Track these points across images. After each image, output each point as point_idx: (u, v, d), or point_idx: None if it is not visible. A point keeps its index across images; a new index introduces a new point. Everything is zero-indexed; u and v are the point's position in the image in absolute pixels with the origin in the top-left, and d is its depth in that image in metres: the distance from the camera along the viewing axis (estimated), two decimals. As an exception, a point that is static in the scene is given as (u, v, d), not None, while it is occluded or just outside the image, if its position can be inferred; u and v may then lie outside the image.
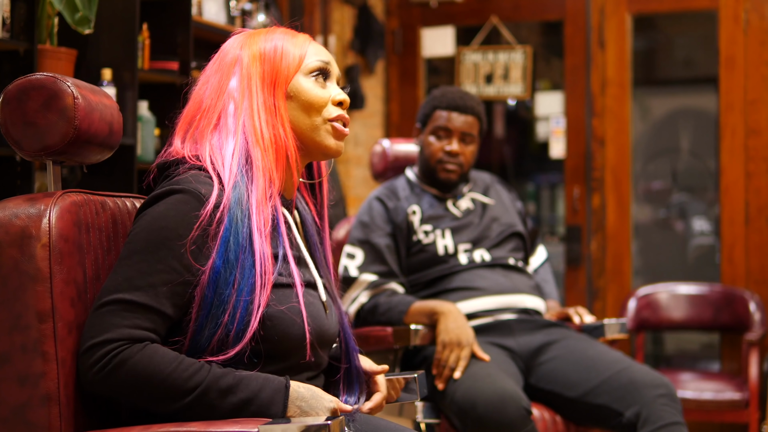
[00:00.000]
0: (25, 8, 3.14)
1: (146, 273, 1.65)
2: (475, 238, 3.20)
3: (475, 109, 3.23)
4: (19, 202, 1.69)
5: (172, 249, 1.66)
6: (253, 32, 1.91)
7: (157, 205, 1.70)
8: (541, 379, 2.99)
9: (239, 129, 1.79)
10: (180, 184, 1.71)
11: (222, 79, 1.84)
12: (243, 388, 1.64)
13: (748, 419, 4.47)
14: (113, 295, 1.64)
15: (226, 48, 1.89)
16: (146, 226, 1.68)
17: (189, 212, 1.68)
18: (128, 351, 1.61)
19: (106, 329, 1.62)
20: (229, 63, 1.85)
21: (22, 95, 1.73)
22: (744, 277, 5.00)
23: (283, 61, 1.85)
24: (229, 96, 1.82)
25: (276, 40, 1.87)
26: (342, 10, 5.39)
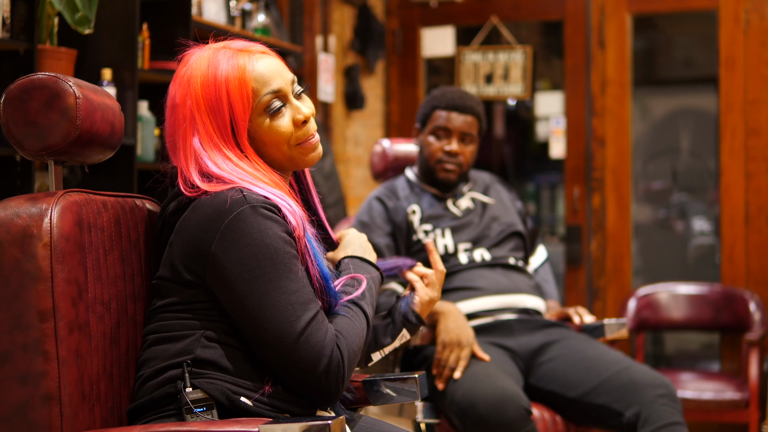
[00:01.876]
0: (25, 8, 3.14)
1: (297, 290, 1.75)
2: (475, 237, 3.20)
3: (475, 109, 3.23)
4: (21, 202, 1.69)
5: (288, 262, 1.75)
6: (194, 67, 1.84)
7: (244, 235, 1.72)
8: (541, 379, 2.99)
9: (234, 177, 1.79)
10: (242, 202, 1.74)
11: (183, 137, 1.82)
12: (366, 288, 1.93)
13: (748, 419, 4.48)
14: (300, 321, 1.73)
15: (173, 97, 1.85)
16: (261, 256, 1.72)
17: (275, 225, 1.75)
18: (342, 343, 1.78)
19: (323, 347, 1.74)
20: (183, 119, 1.83)
21: (23, 95, 1.73)
22: (744, 277, 5.00)
23: (232, 109, 1.81)
24: (200, 155, 1.81)
25: (219, 78, 1.81)
26: (342, 10, 5.39)
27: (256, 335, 1.73)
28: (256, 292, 1.71)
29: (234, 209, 1.72)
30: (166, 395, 1.74)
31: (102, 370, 1.76)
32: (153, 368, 1.77)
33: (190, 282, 1.76)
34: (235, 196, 1.73)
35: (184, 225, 1.77)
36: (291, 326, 1.71)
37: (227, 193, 1.74)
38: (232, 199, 1.73)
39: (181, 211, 1.80)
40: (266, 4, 4.63)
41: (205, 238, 1.73)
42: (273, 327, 1.71)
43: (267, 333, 1.71)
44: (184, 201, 1.80)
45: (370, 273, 1.99)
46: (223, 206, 1.73)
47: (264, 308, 1.71)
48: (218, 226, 1.72)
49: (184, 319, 1.77)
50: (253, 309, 1.71)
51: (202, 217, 1.75)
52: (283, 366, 1.73)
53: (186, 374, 1.73)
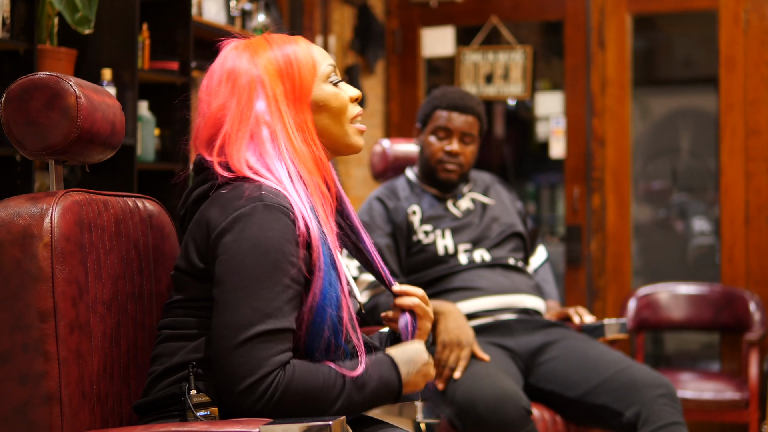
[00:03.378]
0: (25, 8, 3.13)
1: (270, 299, 1.68)
2: (475, 238, 3.20)
3: (476, 109, 3.23)
4: (21, 202, 1.69)
5: (283, 269, 1.69)
6: (252, 44, 1.88)
7: (248, 227, 1.70)
8: (541, 379, 2.99)
9: (283, 153, 1.79)
10: (259, 199, 1.72)
11: (243, 103, 1.81)
12: (369, 379, 1.75)
13: (748, 419, 4.47)
14: (249, 330, 1.65)
15: (234, 67, 1.84)
16: (251, 252, 1.69)
17: (284, 229, 1.71)
18: (285, 377, 1.66)
19: (259, 365, 1.65)
20: (247, 85, 1.82)
21: (24, 94, 1.73)
22: (744, 277, 5.00)
23: (301, 73, 1.85)
24: (260, 120, 1.80)
25: (284, 49, 1.86)
26: (342, 10, 5.39)
27: (214, 326, 1.70)
28: (229, 284, 1.69)
29: (248, 203, 1.71)
30: (172, 395, 1.74)
31: (102, 370, 1.76)
32: (164, 366, 1.76)
33: (204, 272, 1.75)
34: (254, 192, 1.73)
35: (203, 213, 1.77)
36: (239, 330, 1.65)
37: (247, 187, 1.74)
38: (249, 193, 1.73)
39: (203, 200, 1.80)
40: (266, 4, 4.63)
41: (213, 224, 1.73)
42: (226, 322, 1.67)
43: (219, 325, 1.68)
44: (208, 189, 1.80)
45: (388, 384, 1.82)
46: (239, 198, 1.73)
47: (228, 302, 1.68)
48: (227, 216, 1.72)
49: (197, 317, 1.77)
50: (221, 302, 1.69)
51: (219, 204, 1.75)
52: (215, 362, 1.68)
53: (191, 376, 1.72)
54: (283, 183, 1.77)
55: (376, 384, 1.77)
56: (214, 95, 1.84)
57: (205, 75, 1.90)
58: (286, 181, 1.77)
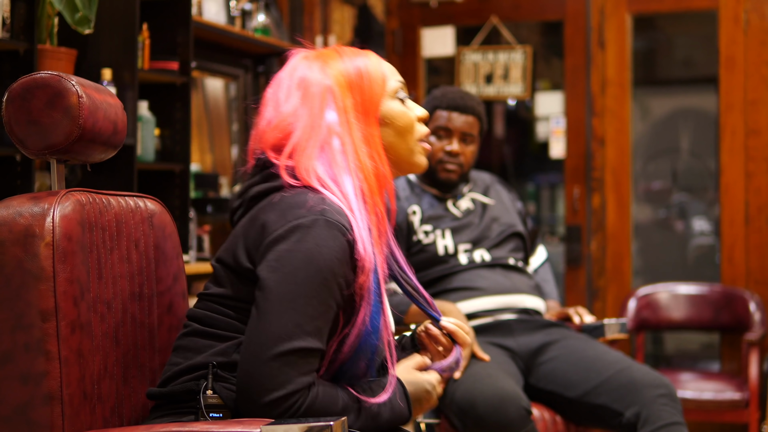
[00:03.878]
0: (25, 8, 3.13)
1: (313, 317, 1.66)
2: (475, 238, 3.20)
3: (476, 109, 3.23)
4: (23, 201, 1.69)
5: (331, 289, 1.68)
6: (323, 55, 1.87)
7: (305, 239, 1.68)
8: (541, 379, 2.99)
9: (351, 166, 1.78)
10: (321, 213, 1.70)
11: (315, 111, 1.80)
12: (383, 408, 1.76)
13: (748, 419, 4.47)
14: (287, 344, 1.64)
15: (305, 76, 1.84)
16: (303, 265, 1.67)
17: (339, 249, 1.69)
18: (309, 398, 1.66)
19: (288, 381, 1.64)
20: (319, 94, 1.81)
21: (26, 94, 1.72)
22: (744, 277, 5.00)
23: (371, 87, 1.84)
24: (331, 130, 1.79)
25: (355, 62, 1.85)
26: (342, 10, 5.39)
27: (248, 331, 1.68)
28: (275, 292, 1.67)
29: (308, 215, 1.70)
30: (188, 391, 1.73)
31: (104, 370, 1.76)
32: (188, 362, 1.76)
33: (248, 272, 1.74)
34: (317, 204, 1.71)
35: (260, 214, 1.76)
36: (277, 341, 1.64)
37: (311, 197, 1.72)
38: (312, 204, 1.71)
39: (261, 198, 1.79)
40: (266, 4, 4.63)
41: (271, 227, 1.72)
42: (264, 330, 1.65)
43: (256, 331, 1.66)
44: (269, 189, 1.79)
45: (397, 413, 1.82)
46: (300, 206, 1.71)
47: (271, 310, 1.66)
48: (285, 222, 1.70)
49: (229, 318, 1.76)
50: (263, 308, 1.67)
51: (280, 208, 1.73)
52: (244, 366, 1.67)
53: (210, 376, 1.72)
54: (348, 198, 1.75)
55: (389, 415, 1.78)
56: (283, 102, 1.83)
57: (272, 83, 1.89)
58: (351, 197, 1.75)
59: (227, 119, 4.68)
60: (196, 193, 4.17)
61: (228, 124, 4.68)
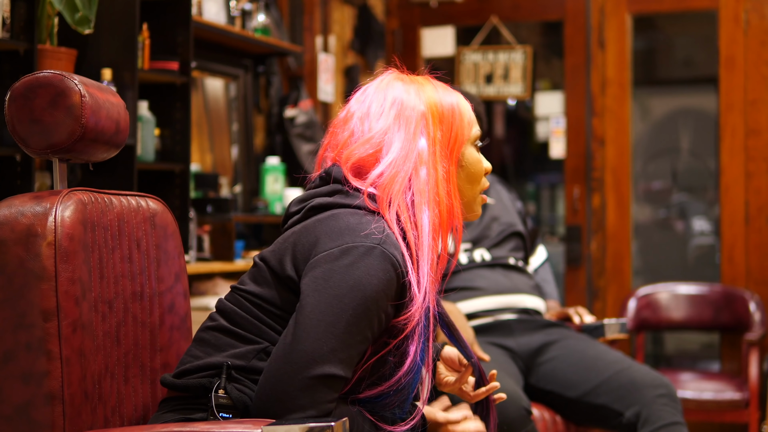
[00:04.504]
0: (25, 8, 3.13)
1: (349, 345, 1.64)
2: (475, 237, 3.20)
3: (476, 109, 3.22)
4: (25, 200, 1.68)
5: (371, 320, 1.66)
6: (417, 80, 1.85)
7: (357, 265, 1.66)
8: (541, 379, 2.99)
9: (432, 198, 1.76)
10: (379, 243, 1.68)
11: (410, 135, 1.78)
12: None
13: (748, 419, 4.48)
14: (319, 368, 1.62)
15: (400, 96, 1.81)
16: (349, 291, 1.64)
17: (387, 282, 1.67)
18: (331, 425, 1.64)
19: (309, 406, 1.62)
20: (415, 120, 1.79)
21: (29, 93, 1.72)
22: (744, 277, 5.00)
23: (461, 126, 1.83)
24: (421, 159, 1.76)
25: (448, 97, 1.83)
26: (342, 10, 5.39)
27: (283, 342, 1.66)
28: (317, 312, 1.64)
29: (365, 241, 1.67)
30: (201, 387, 1.72)
31: (105, 370, 1.76)
32: (207, 358, 1.75)
33: (290, 281, 1.72)
34: (377, 232, 1.69)
35: (317, 226, 1.74)
36: (310, 363, 1.62)
37: (375, 226, 1.70)
38: (371, 232, 1.69)
39: (322, 210, 1.77)
40: (266, 4, 4.63)
41: (324, 243, 1.69)
42: (298, 348, 1.63)
43: (290, 348, 1.64)
44: (332, 203, 1.76)
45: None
46: (359, 231, 1.69)
47: (309, 328, 1.64)
48: (341, 242, 1.68)
49: (259, 320, 1.74)
50: (302, 324, 1.65)
51: (338, 226, 1.71)
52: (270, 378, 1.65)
53: (224, 375, 1.71)
54: (422, 232, 1.73)
55: None
56: (375, 117, 1.81)
57: (358, 91, 1.87)
58: (425, 231, 1.73)
59: (227, 119, 4.68)
60: (196, 193, 4.17)
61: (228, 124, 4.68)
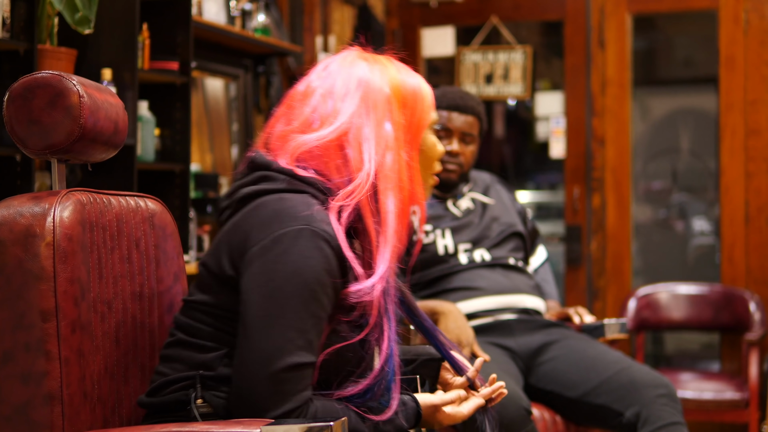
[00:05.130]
0: (25, 8, 3.13)
1: (303, 330, 1.63)
2: (475, 237, 3.20)
3: (476, 109, 3.23)
4: (24, 201, 1.68)
5: (320, 301, 1.64)
6: (380, 60, 1.81)
7: (291, 251, 1.63)
8: (541, 379, 2.99)
9: (396, 184, 1.73)
10: (307, 222, 1.65)
11: (379, 120, 1.74)
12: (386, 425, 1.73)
13: (748, 419, 4.48)
14: (281, 361, 1.60)
15: (366, 77, 1.77)
16: (290, 279, 1.63)
17: (326, 259, 1.64)
18: (310, 412, 1.63)
19: (284, 399, 1.61)
20: (381, 103, 1.75)
21: (27, 93, 1.72)
22: (744, 277, 5.00)
23: (422, 111, 1.80)
24: (387, 145, 1.73)
25: (411, 79, 1.80)
26: (342, 10, 5.39)
27: (241, 348, 1.65)
28: (263, 308, 1.63)
29: (292, 223, 1.65)
30: (178, 401, 1.72)
31: (104, 370, 1.76)
32: (175, 374, 1.74)
33: (231, 279, 1.70)
34: (301, 211, 1.66)
35: (246, 217, 1.71)
36: (270, 359, 1.60)
37: (298, 203, 1.68)
38: (296, 212, 1.66)
39: (250, 199, 1.74)
40: (266, 4, 4.63)
41: (254, 237, 1.67)
42: (256, 348, 1.62)
43: (248, 350, 1.63)
44: (259, 192, 1.73)
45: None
46: (285, 215, 1.66)
47: (260, 326, 1.62)
48: (270, 232, 1.66)
49: (214, 327, 1.73)
50: (252, 324, 1.64)
51: (264, 216, 1.69)
52: (239, 386, 1.64)
53: (198, 386, 1.70)
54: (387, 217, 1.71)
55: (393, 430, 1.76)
56: (338, 97, 1.76)
57: (319, 66, 1.82)
58: (391, 216, 1.71)
59: (227, 119, 4.68)
60: (196, 193, 4.17)
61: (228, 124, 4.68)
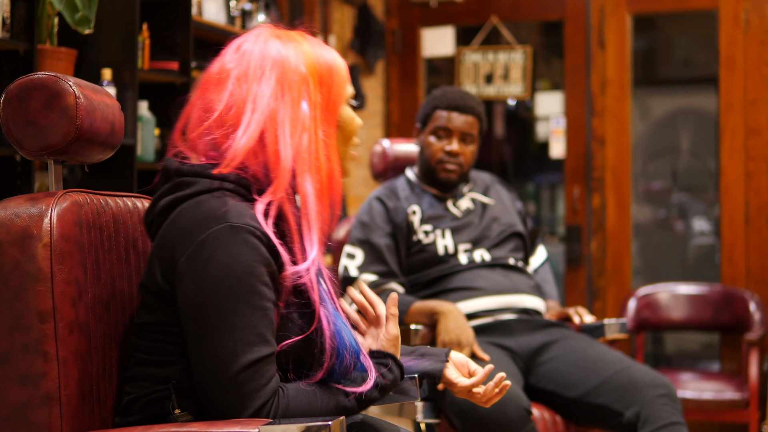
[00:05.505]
0: (25, 8, 3.14)
1: (252, 326, 1.60)
2: (475, 238, 3.20)
3: (476, 108, 3.23)
4: (21, 202, 1.68)
5: (259, 292, 1.61)
6: (294, 37, 1.76)
7: (217, 253, 1.60)
8: (541, 379, 2.99)
9: (313, 165, 1.70)
10: (224, 220, 1.62)
11: (294, 102, 1.71)
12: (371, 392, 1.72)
13: (748, 419, 4.48)
14: (237, 363, 1.58)
15: (281, 56, 1.72)
16: (223, 281, 1.60)
17: (253, 250, 1.62)
18: (282, 403, 1.62)
19: (252, 398, 1.59)
20: (297, 83, 1.72)
21: (23, 94, 1.72)
22: (744, 277, 5.00)
23: (339, 87, 1.77)
24: (303, 126, 1.70)
25: (325, 56, 1.76)
26: (342, 10, 5.39)
27: (194, 362, 1.63)
28: (205, 317, 1.60)
29: (211, 225, 1.62)
30: (155, 416, 1.69)
31: (102, 371, 1.76)
32: (142, 390, 1.71)
33: (169, 293, 1.67)
34: (218, 210, 1.63)
35: (168, 230, 1.69)
36: (226, 364, 1.58)
37: (213, 204, 1.65)
38: (213, 213, 1.63)
39: (169, 210, 1.71)
40: (266, 4, 4.63)
41: (179, 249, 1.64)
42: (210, 358, 1.60)
43: (203, 361, 1.61)
44: (177, 200, 1.70)
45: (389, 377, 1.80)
46: (202, 219, 1.63)
47: (207, 335, 1.60)
48: (192, 240, 1.62)
49: (168, 343, 1.70)
50: (198, 336, 1.62)
51: (183, 225, 1.65)
52: (207, 399, 1.63)
53: (173, 395, 1.67)
54: (307, 199, 1.68)
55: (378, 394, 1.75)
56: (253, 79, 1.72)
57: (231, 47, 1.77)
58: (310, 198, 1.68)
59: (227, 119, 4.68)
60: (195, 193, 4.17)
61: (228, 124, 4.68)
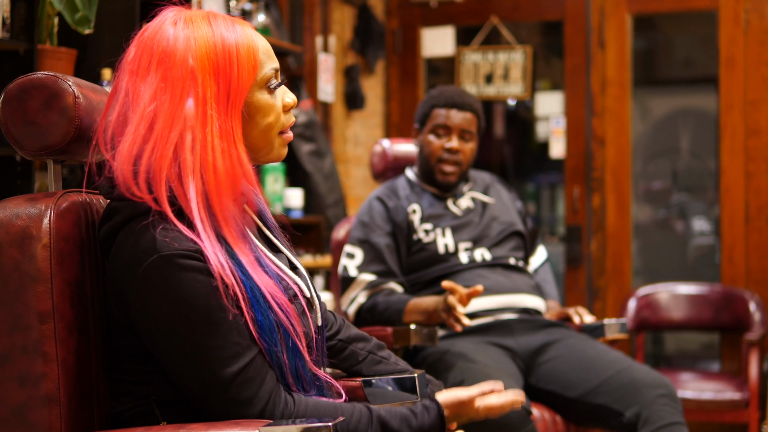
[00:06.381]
0: (25, 8, 3.13)
1: (222, 344, 1.58)
2: (475, 237, 3.20)
3: (473, 106, 3.23)
4: (20, 202, 1.68)
5: (218, 306, 1.57)
6: (193, 22, 1.65)
7: (158, 286, 1.56)
8: (541, 379, 2.99)
9: (197, 166, 1.60)
10: (157, 250, 1.56)
11: (175, 100, 1.61)
12: None
13: (748, 419, 4.48)
14: (221, 379, 1.57)
15: (168, 49, 1.62)
16: (175, 315, 1.56)
17: (196, 268, 1.57)
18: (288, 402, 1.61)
19: (250, 405, 1.58)
20: (180, 78, 1.61)
21: (23, 94, 1.72)
22: (744, 277, 5.00)
23: (239, 75, 1.64)
24: (187, 124, 1.60)
25: (226, 40, 1.64)
26: (342, 10, 5.39)
27: (184, 389, 1.62)
28: (172, 351, 1.58)
29: (144, 258, 1.56)
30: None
31: (102, 371, 1.75)
32: (123, 405, 1.69)
33: (125, 322, 1.64)
34: (146, 241, 1.57)
35: (113, 262, 1.64)
36: (212, 388, 1.57)
37: (140, 234, 1.58)
38: (143, 244, 1.57)
39: (111, 239, 1.65)
40: (266, 4, 4.63)
41: (126, 287, 1.60)
42: (197, 388, 1.59)
43: (193, 391, 1.60)
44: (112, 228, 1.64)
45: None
46: (136, 252, 1.58)
47: (183, 366, 1.58)
48: (133, 278, 1.58)
49: (138, 364, 1.67)
50: (174, 366, 1.59)
51: (123, 259, 1.61)
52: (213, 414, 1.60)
53: (156, 409, 1.66)
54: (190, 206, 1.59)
55: None
56: (141, 77, 1.64)
57: (137, 35, 1.68)
58: (193, 204, 1.58)
59: (227, 119, 4.68)
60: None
61: (228, 124, 4.68)
